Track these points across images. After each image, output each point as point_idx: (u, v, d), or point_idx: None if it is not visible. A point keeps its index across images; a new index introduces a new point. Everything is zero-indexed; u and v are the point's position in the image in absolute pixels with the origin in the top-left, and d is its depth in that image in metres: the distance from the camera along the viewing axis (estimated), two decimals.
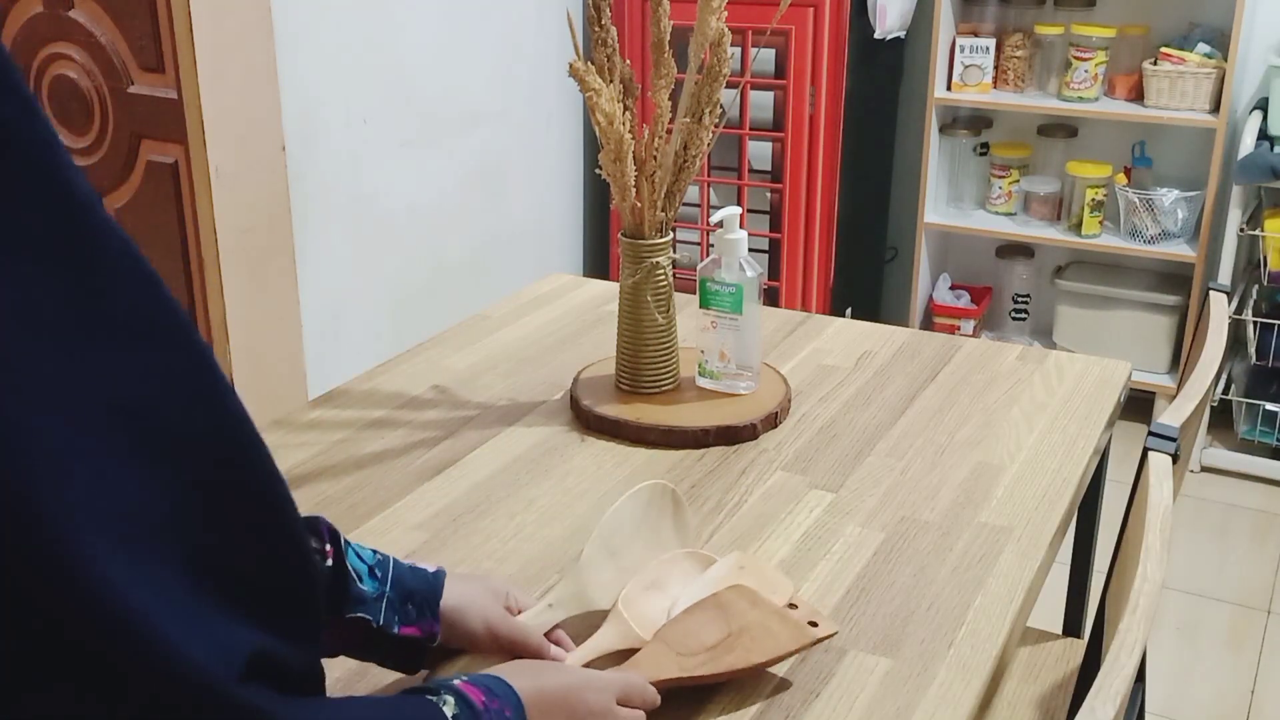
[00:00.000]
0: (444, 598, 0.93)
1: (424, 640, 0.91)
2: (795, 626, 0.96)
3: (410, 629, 0.90)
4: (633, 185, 1.33)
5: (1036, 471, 1.29)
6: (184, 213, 2.23)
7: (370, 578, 0.89)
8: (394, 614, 0.89)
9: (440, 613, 0.92)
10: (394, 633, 0.89)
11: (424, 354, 1.61)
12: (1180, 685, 2.28)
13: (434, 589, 0.92)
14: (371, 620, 0.88)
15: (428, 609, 0.91)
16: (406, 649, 0.92)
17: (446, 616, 0.92)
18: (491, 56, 2.78)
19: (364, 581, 0.88)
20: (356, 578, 0.88)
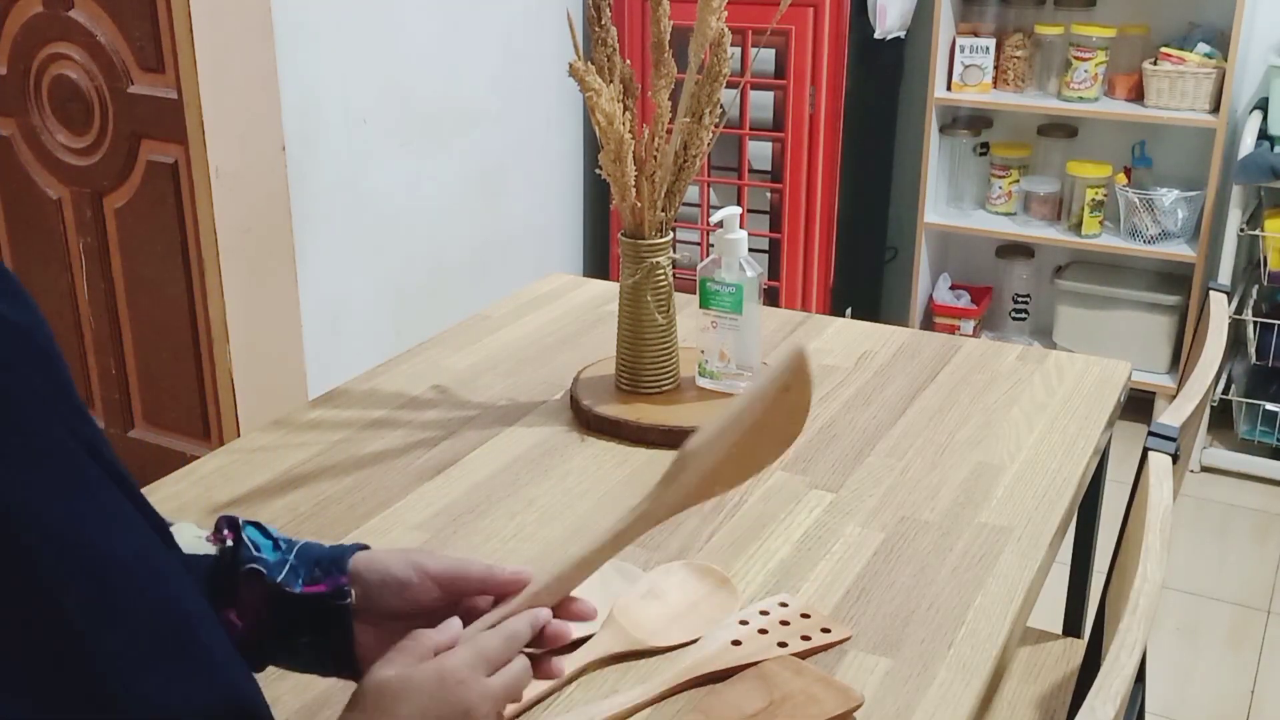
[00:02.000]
0: (358, 556, 0.85)
1: (332, 596, 0.82)
2: (841, 692, 0.94)
3: (315, 586, 0.82)
4: (633, 185, 1.33)
5: (1036, 471, 1.29)
6: (184, 213, 2.23)
7: (274, 550, 0.83)
8: (295, 576, 0.82)
9: (352, 567, 0.83)
10: (296, 592, 0.82)
11: (424, 354, 1.61)
12: (1180, 685, 2.28)
13: (343, 552, 0.85)
14: (265, 574, 0.81)
15: (334, 567, 0.83)
16: (323, 618, 0.82)
17: (361, 568, 0.83)
18: (491, 56, 2.78)
19: (264, 551, 0.83)
20: (253, 547, 0.82)
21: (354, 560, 0.84)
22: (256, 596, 0.81)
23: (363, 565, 0.83)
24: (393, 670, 0.75)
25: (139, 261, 2.34)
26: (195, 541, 0.82)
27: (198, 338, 2.30)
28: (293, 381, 2.38)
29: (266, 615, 0.81)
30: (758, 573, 1.12)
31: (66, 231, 2.42)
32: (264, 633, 0.82)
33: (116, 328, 2.43)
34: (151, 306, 2.35)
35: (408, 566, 0.82)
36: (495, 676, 0.76)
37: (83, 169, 2.35)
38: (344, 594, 0.82)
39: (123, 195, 2.31)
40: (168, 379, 2.39)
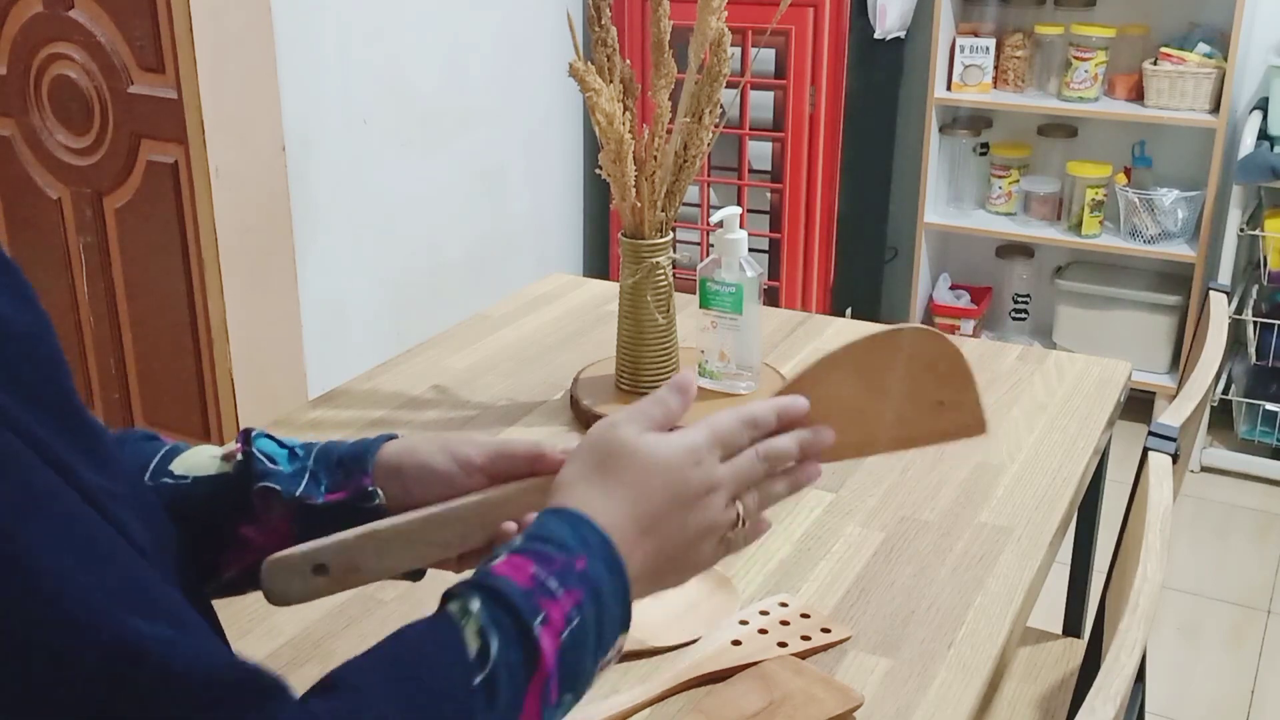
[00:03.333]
0: (385, 448, 0.78)
1: (356, 500, 0.77)
2: (841, 692, 0.94)
3: (337, 494, 0.76)
4: (633, 185, 1.33)
5: (1036, 471, 1.29)
6: (184, 213, 2.23)
7: (290, 459, 0.78)
8: (316, 485, 0.76)
9: (377, 463, 0.77)
10: (318, 503, 0.76)
11: (424, 354, 1.60)
12: (1180, 685, 2.28)
13: (366, 448, 0.78)
14: (280, 490, 0.76)
15: (356, 467, 0.77)
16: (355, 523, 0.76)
17: (388, 463, 0.77)
18: (492, 56, 2.79)
19: (279, 464, 0.77)
20: (267, 460, 0.77)
21: (382, 454, 0.78)
22: (277, 514, 0.77)
23: (394, 458, 0.77)
24: (632, 432, 0.70)
25: (139, 261, 2.34)
26: (210, 462, 0.79)
27: (198, 338, 2.30)
28: (293, 381, 2.38)
29: (292, 530, 0.77)
30: (758, 573, 1.12)
31: (66, 231, 2.42)
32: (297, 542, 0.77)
33: (116, 328, 2.43)
34: (151, 306, 2.35)
35: (447, 459, 0.77)
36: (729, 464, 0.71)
37: (83, 169, 2.35)
38: (369, 497, 0.77)
39: (123, 195, 2.31)
40: (168, 379, 2.39)
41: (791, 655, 0.99)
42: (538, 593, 0.62)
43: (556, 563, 0.63)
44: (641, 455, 0.69)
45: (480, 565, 0.65)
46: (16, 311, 0.57)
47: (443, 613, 0.63)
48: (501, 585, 0.62)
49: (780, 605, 1.06)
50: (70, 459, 0.55)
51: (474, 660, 0.60)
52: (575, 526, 0.66)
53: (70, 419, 0.58)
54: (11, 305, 0.57)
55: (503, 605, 0.61)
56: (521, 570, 0.63)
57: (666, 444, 0.70)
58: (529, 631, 0.61)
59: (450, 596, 0.63)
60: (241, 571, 0.78)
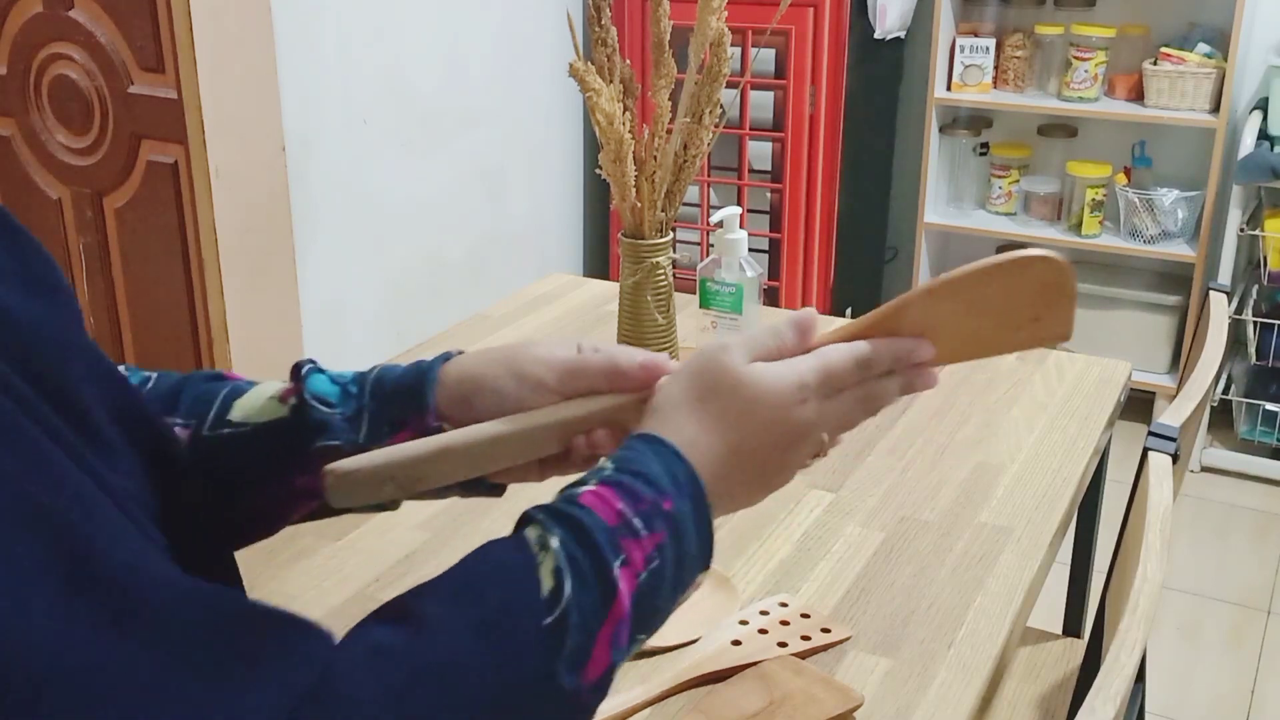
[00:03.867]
0: (445, 373, 0.74)
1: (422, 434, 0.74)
2: (841, 692, 0.95)
3: (400, 434, 0.73)
4: (633, 185, 1.33)
5: (1036, 471, 1.29)
6: (184, 213, 2.23)
7: (344, 399, 0.75)
8: (376, 428, 0.73)
9: (439, 392, 0.74)
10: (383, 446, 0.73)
11: (424, 354, 1.60)
12: (1180, 685, 2.28)
13: (423, 374, 0.75)
14: (342, 444, 0.73)
15: (415, 402, 0.74)
16: None
17: (452, 392, 0.73)
18: (491, 56, 2.78)
19: (336, 405, 0.74)
20: (323, 404, 0.74)
21: (444, 382, 0.74)
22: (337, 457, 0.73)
23: (457, 386, 0.74)
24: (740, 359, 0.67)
25: (139, 261, 2.34)
26: (268, 405, 0.76)
27: (198, 338, 2.30)
28: None
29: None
30: (758, 573, 1.12)
31: (66, 231, 2.42)
32: None
33: (116, 328, 2.43)
34: (151, 306, 2.35)
35: (516, 383, 0.73)
36: (832, 404, 0.68)
37: (83, 169, 2.35)
38: (436, 433, 0.73)
39: (123, 195, 2.31)
40: None
41: (791, 655, 0.99)
42: (621, 531, 0.60)
43: (645, 501, 0.61)
44: (746, 387, 0.66)
45: (567, 488, 0.63)
46: (26, 301, 0.57)
47: (520, 540, 0.60)
48: (586, 520, 0.60)
49: (780, 605, 1.06)
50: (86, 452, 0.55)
51: (544, 600, 0.58)
52: (668, 463, 0.63)
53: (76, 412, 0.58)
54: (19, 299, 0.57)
55: (585, 543, 0.59)
56: (609, 505, 0.61)
57: (775, 378, 0.66)
58: (608, 573, 0.59)
59: (530, 520, 0.61)
60: (304, 518, 0.78)
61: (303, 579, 1.11)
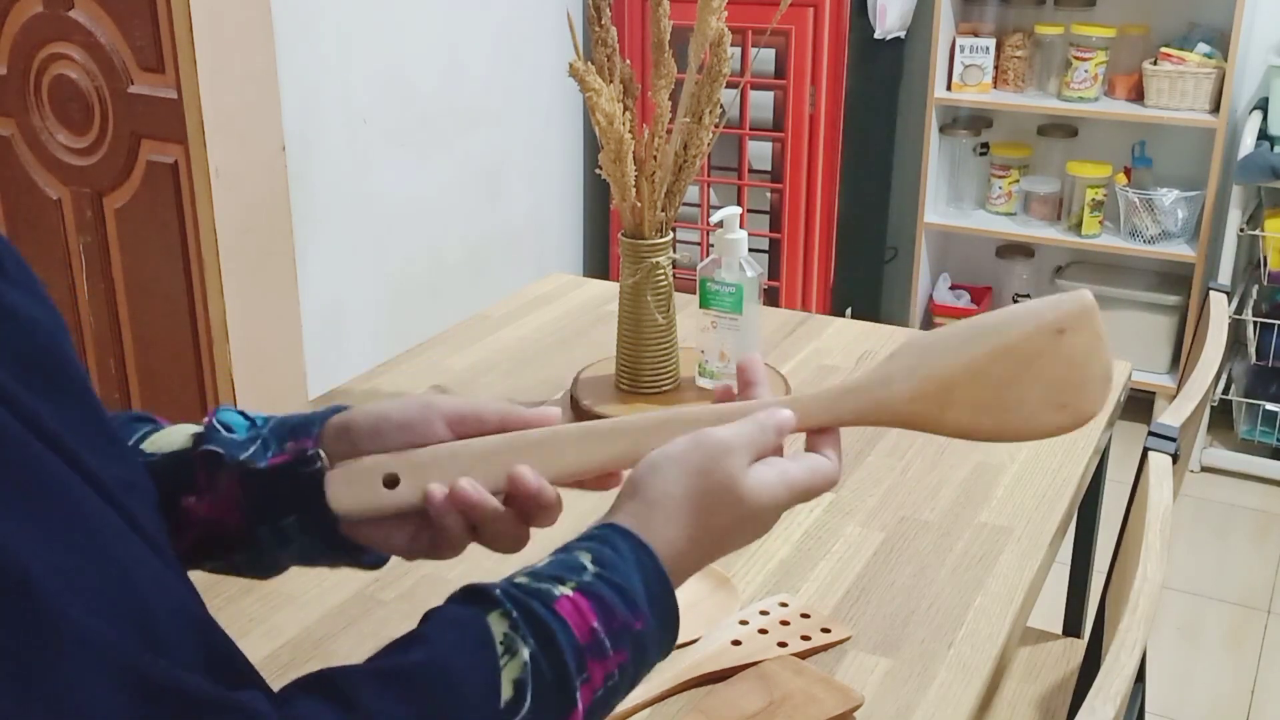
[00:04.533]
0: (339, 416, 0.74)
1: (296, 464, 0.72)
2: (841, 692, 0.95)
3: (280, 457, 0.72)
4: (633, 185, 1.33)
5: (1036, 471, 1.29)
6: (184, 213, 2.23)
7: (248, 429, 0.74)
8: (263, 450, 0.72)
9: (326, 425, 0.73)
10: (261, 468, 0.72)
11: (424, 354, 1.61)
12: (1180, 685, 2.28)
13: (320, 414, 0.74)
14: (223, 454, 0.72)
15: (304, 432, 0.73)
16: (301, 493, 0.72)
17: (337, 423, 0.73)
18: (491, 56, 2.78)
19: (236, 432, 0.74)
20: (224, 429, 0.74)
21: (335, 417, 0.74)
22: (222, 482, 0.73)
23: (344, 418, 0.73)
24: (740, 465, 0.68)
25: (139, 261, 2.34)
26: (181, 439, 0.76)
27: (198, 338, 2.30)
28: (293, 381, 2.38)
29: (237, 497, 0.73)
30: (758, 573, 1.12)
31: (66, 231, 2.42)
32: (247, 519, 0.74)
33: (116, 328, 2.43)
34: (151, 306, 2.35)
35: (403, 405, 0.73)
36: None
37: (83, 169, 2.35)
38: (310, 460, 0.72)
39: (123, 195, 2.31)
40: (168, 379, 2.39)
41: (791, 655, 0.99)
42: (591, 650, 0.60)
43: (618, 620, 0.61)
44: (746, 503, 0.67)
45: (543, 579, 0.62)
46: (25, 302, 0.58)
47: (485, 633, 0.59)
48: (560, 637, 0.59)
49: (780, 605, 1.06)
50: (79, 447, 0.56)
51: (501, 710, 0.58)
52: (648, 577, 0.63)
53: (85, 408, 0.59)
54: (20, 297, 0.58)
55: (554, 661, 0.59)
56: (584, 620, 0.60)
57: (771, 496, 0.69)
58: (570, 693, 0.60)
59: (497, 606, 0.60)
60: (190, 547, 0.75)
61: (303, 579, 1.11)
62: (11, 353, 0.55)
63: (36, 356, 0.57)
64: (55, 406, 0.56)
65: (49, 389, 0.56)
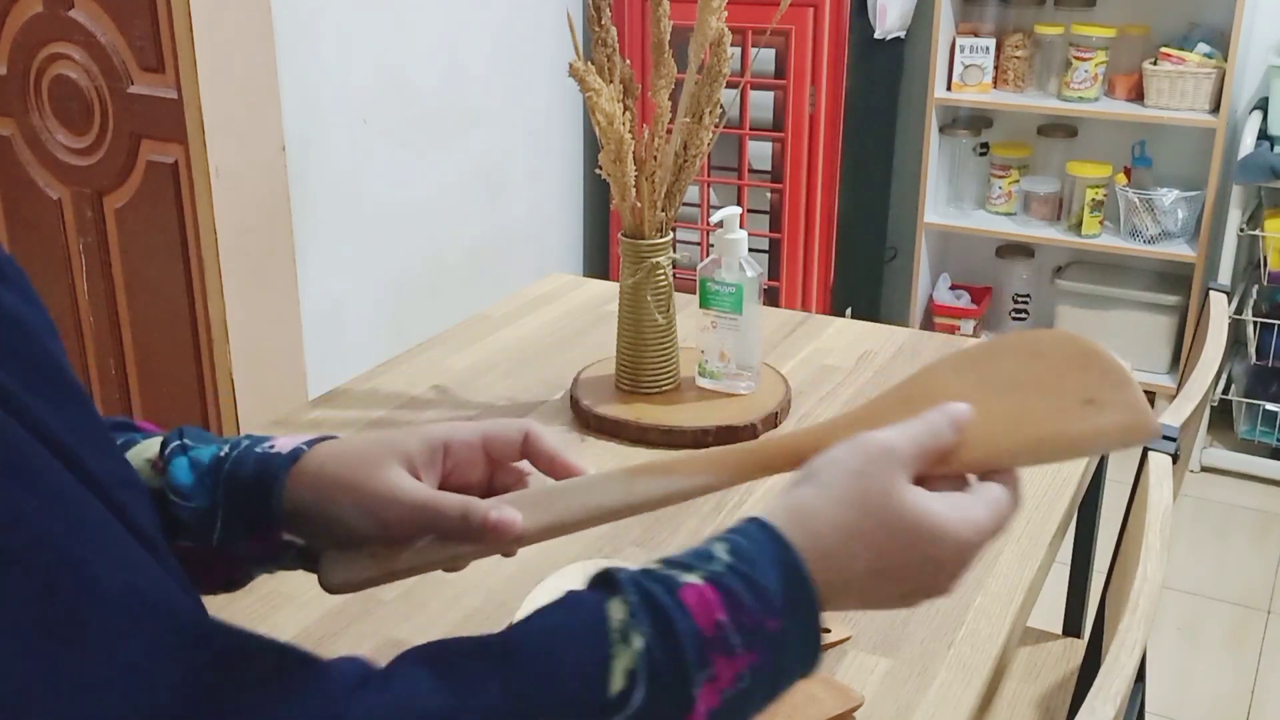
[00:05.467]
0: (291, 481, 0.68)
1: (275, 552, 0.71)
2: (841, 692, 0.94)
3: (254, 541, 0.70)
4: (633, 185, 1.33)
5: (1036, 471, 1.29)
6: (184, 213, 2.23)
7: (197, 490, 0.70)
8: (230, 529, 0.69)
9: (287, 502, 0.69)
10: (241, 552, 0.70)
11: (424, 354, 1.60)
12: (1180, 685, 2.28)
13: (269, 479, 0.68)
14: (195, 545, 0.70)
15: (263, 507, 0.69)
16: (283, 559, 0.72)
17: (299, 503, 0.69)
18: (491, 56, 2.79)
19: (192, 499, 0.70)
20: (182, 496, 0.70)
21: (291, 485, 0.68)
22: (204, 556, 0.71)
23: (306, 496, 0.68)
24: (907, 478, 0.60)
25: (139, 261, 2.34)
26: (145, 467, 0.73)
27: (198, 338, 2.30)
28: (293, 381, 2.38)
29: (222, 565, 0.72)
30: None
31: (66, 231, 2.42)
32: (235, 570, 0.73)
33: (116, 328, 2.43)
34: (151, 306, 2.35)
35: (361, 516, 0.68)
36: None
37: (83, 169, 2.35)
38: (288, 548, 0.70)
39: (123, 195, 2.31)
40: (168, 379, 2.39)
41: None
42: (715, 645, 0.55)
43: (749, 616, 0.56)
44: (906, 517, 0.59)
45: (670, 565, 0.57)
46: (18, 303, 0.59)
47: (601, 618, 0.55)
48: (680, 625, 0.54)
49: None
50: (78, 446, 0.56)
51: (611, 700, 0.53)
52: (789, 578, 0.58)
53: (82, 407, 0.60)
54: (14, 298, 0.59)
55: (672, 651, 0.54)
56: (708, 612, 0.55)
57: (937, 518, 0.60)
58: (687, 689, 0.54)
59: (617, 590, 0.56)
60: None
61: (303, 578, 1.10)
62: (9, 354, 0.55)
63: (35, 358, 0.57)
64: (55, 407, 0.56)
65: (48, 390, 0.57)
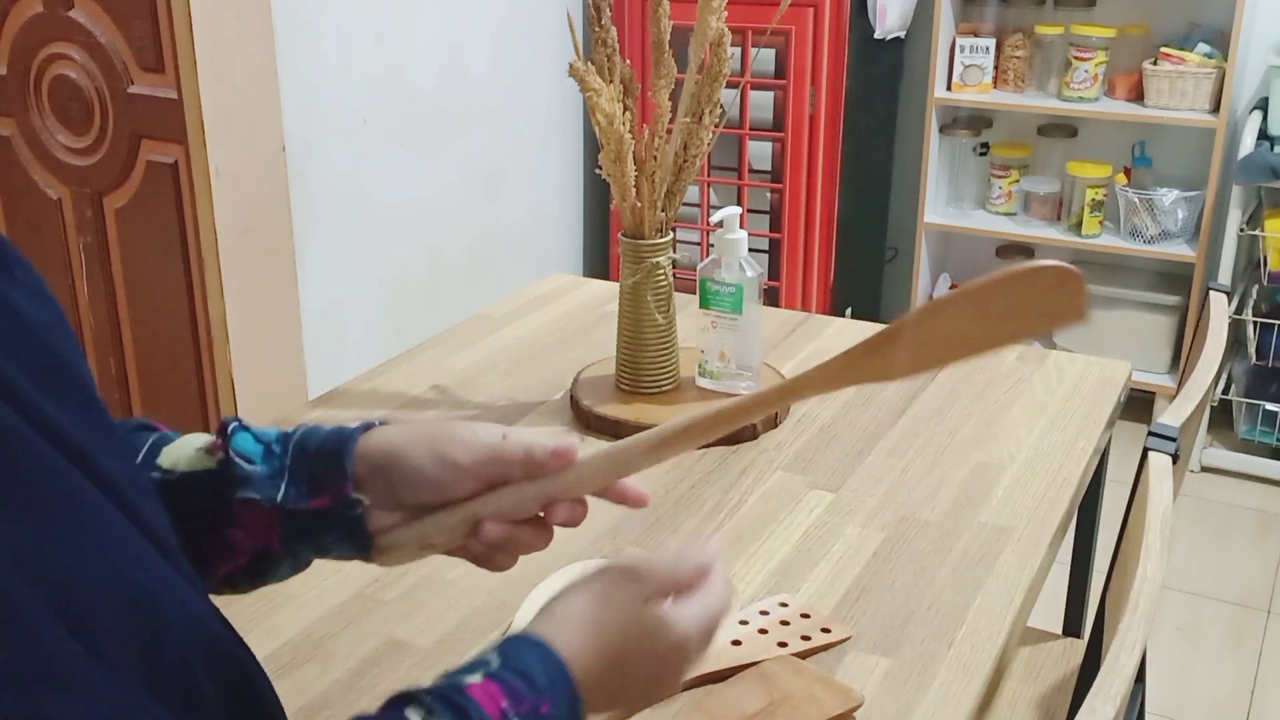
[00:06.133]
0: (365, 443, 0.75)
1: (339, 508, 0.75)
2: (841, 692, 0.95)
3: (318, 499, 0.75)
4: (633, 185, 1.33)
5: (1036, 471, 1.29)
6: (184, 213, 2.23)
7: (266, 457, 0.75)
8: (296, 488, 0.74)
9: (358, 462, 0.75)
10: (304, 508, 0.75)
11: (424, 354, 1.60)
12: (1180, 685, 2.28)
13: (343, 443, 0.75)
14: (260, 499, 0.74)
15: (334, 467, 0.74)
16: (340, 527, 0.76)
17: (372, 462, 0.75)
18: (491, 56, 2.79)
19: (258, 463, 0.75)
20: (246, 460, 0.75)
21: (363, 451, 0.75)
22: (260, 519, 0.75)
23: (378, 457, 0.75)
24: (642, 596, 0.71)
25: (139, 261, 2.34)
26: (195, 456, 0.77)
27: (198, 338, 2.30)
28: (293, 381, 2.38)
29: (279, 533, 0.76)
30: (758, 573, 1.12)
31: (66, 231, 2.42)
32: (286, 544, 0.77)
33: (116, 328, 2.43)
34: (151, 306, 2.35)
35: (435, 462, 0.74)
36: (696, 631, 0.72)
37: (83, 169, 2.35)
38: (353, 505, 0.75)
39: (123, 195, 2.31)
40: (168, 379, 2.39)
41: (792, 655, 0.99)
42: None
43: (525, 702, 0.64)
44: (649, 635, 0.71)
45: (451, 676, 0.65)
46: (31, 305, 0.59)
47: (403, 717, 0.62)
48: (472, 713, 0.62)
49: (780, 605, 1.06)
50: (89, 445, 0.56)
51: None
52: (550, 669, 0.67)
53: (92, 406, 0.60)
54: (26, 299, 0.59)
55: None
56: (493, 701, 0.63)
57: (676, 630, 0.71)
58: None
59: (412, 700, 0.63)
60: (234, 570, 0.77)
61: (303, 578, 1.10)
62: (18, 352, 0.55)
63: (43, 357, 0.58)
64: (65, 407, 0.57)
65: (59, 389, 0.57)
